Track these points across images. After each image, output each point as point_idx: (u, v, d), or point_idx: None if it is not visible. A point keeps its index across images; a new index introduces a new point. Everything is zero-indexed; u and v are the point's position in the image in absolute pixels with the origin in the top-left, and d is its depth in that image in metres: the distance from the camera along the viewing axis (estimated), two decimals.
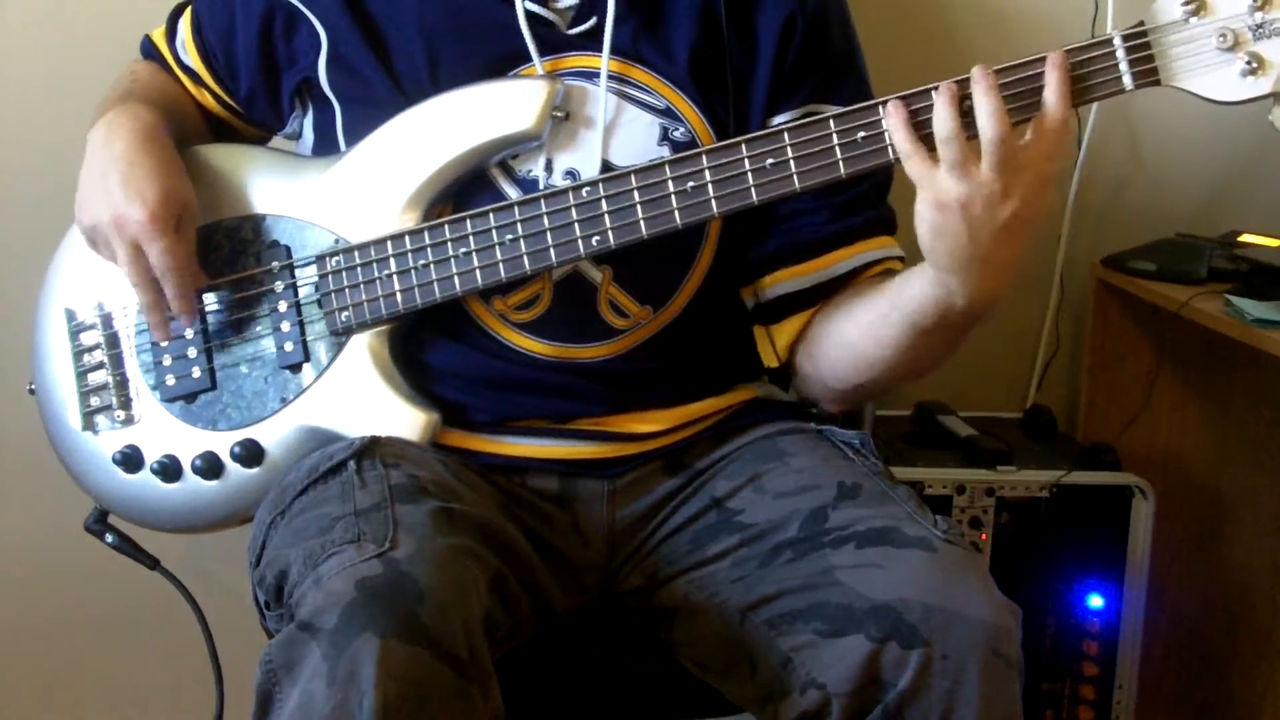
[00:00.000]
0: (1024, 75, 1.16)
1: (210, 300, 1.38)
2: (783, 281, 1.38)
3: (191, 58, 1.48)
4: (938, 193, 1.15)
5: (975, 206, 1.14)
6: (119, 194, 1.30)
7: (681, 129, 1.33)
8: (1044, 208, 1.17)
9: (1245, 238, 1.91)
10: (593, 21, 1.34)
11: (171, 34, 1.50)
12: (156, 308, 1.34)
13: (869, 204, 1.38)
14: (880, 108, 1.19)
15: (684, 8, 1.35)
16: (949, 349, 1.29)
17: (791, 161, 1.22)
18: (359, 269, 1.33)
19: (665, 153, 1.32)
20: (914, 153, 1.16)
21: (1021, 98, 1.15)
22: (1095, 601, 1.83)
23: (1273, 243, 1.87)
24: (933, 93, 1.16)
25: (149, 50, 1.52)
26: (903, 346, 1.26)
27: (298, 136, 1.46)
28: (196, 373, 1.38)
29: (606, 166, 1.31)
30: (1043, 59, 1.15)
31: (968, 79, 1.15)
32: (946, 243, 1.16)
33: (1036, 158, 1.14)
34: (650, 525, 1.36)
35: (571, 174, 1.32)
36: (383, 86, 1.35)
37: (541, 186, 1.31)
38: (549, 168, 1.32)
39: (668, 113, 1.34)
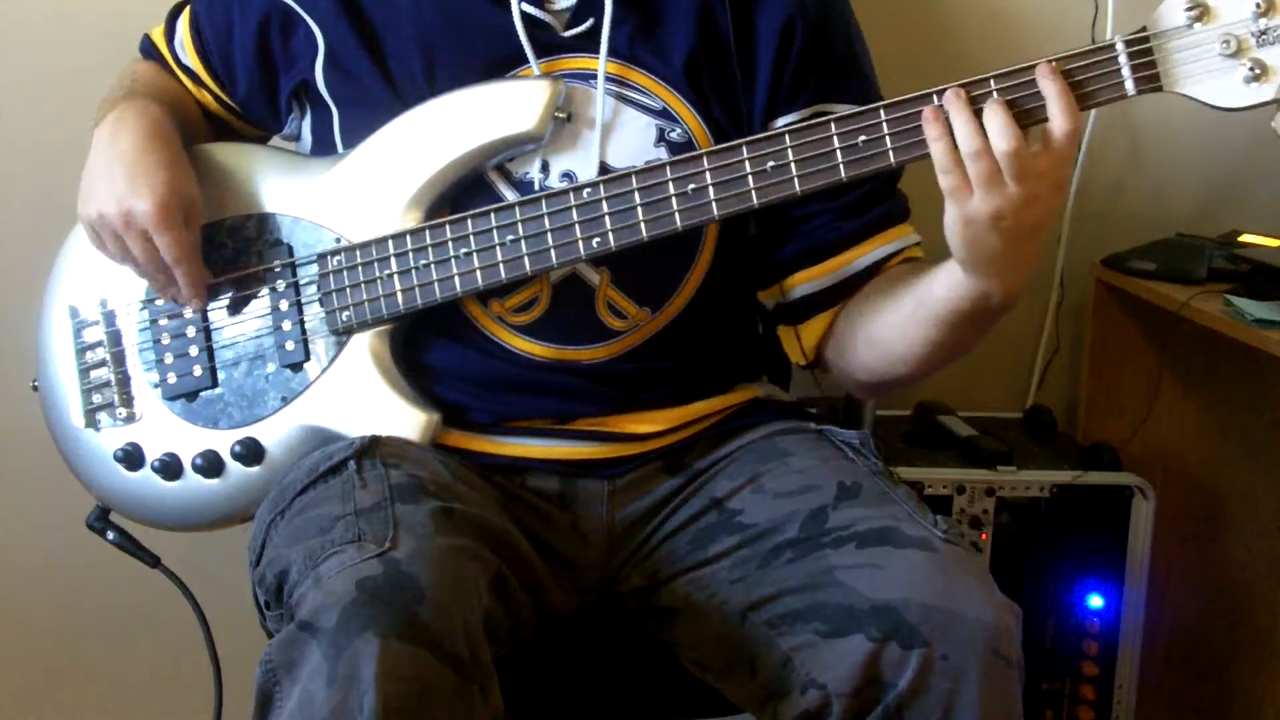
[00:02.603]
0: (1018, 82, 1.15)
1: (212, 298, 1.38)
2: (803, 283, 1.38)
3: (190, 58, 1.48)
4: (971, 210, 1.15)
5: (1007, 219, 1.14)
6: (125, 187, 1.30)
7: (678, 130, 1.33)
8: (1060, 204, 1.17)
9: (1245, 238, 1.91)
10: (589, 23, 1.34)
11: (170, 34, 1.50)
12: (168, 291, 1.36)
13: (881, 197, 1.38)
14: (925, 111, 1.17)
15: (681, 9, 1.35)
16: (980, 337, 1.29)
17: (792, 165, 1.22)
18: (360, 268, 1.33)
19: (662, 154, 1.32)
20: (954, 168, 1.15)
21: (1020, 103, 1.15)
22: (1095, 601, 1.83)
23: (1273, 243, 1.87)
24: (930, 100, 1.16)
25: (148, 50, 1.52)
26: (933, 342, 1.27)
27: (296, 138, 1.46)
28: (198, 370, 1.38)
29: (604, 168, 1.31)
30: (1032, 67, 1.15)
31: (964, 85, 1.15)
32: (985, 253, 1.17)
33: (1050, 165, 1.14)
34: (650, 525, 1.37)
35: (569, 176, 1.32)
36: (379, 90, 1.35)
37: (538, 188, 1.31)
38: (545, 169, 1.32)
39: (664, 114, 1.33)
